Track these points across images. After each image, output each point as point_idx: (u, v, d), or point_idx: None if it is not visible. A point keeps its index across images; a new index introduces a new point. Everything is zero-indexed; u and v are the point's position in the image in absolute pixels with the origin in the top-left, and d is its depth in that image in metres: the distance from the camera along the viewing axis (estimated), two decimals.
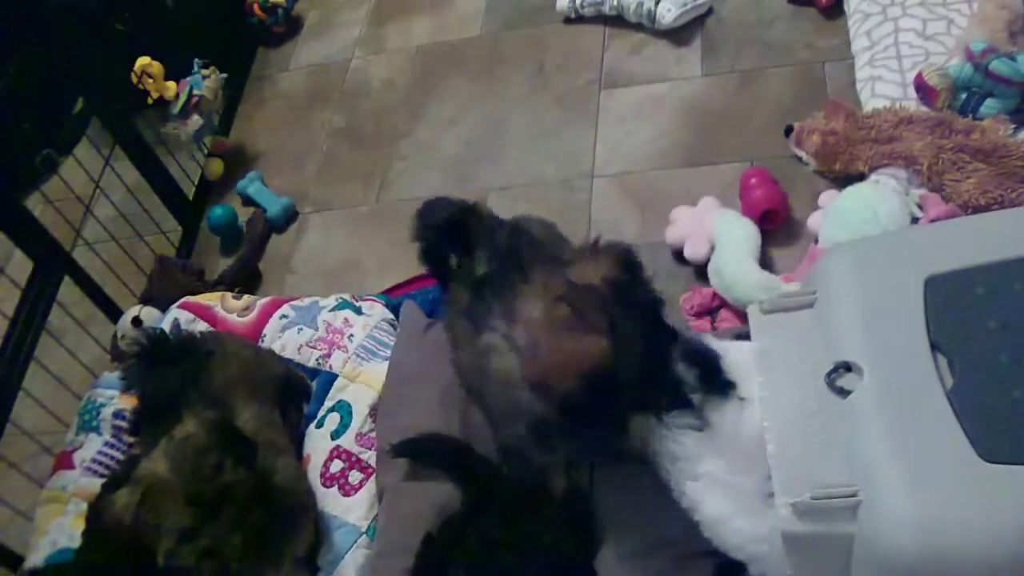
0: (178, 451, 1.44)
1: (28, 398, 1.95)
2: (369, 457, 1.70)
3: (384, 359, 1.83)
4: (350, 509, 1.66)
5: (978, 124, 1.79)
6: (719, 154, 2.10)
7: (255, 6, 2.83)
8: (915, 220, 1.70)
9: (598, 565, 1.44)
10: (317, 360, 1.88)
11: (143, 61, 2.43)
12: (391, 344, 1.86)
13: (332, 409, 1.79)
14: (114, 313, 2.20)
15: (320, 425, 1.78)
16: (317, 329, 1.92)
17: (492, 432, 1.54)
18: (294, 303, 2.01)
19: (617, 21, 2.45)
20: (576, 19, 2.51)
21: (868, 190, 1.76)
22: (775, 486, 1.13)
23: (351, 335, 1.89)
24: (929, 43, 1.95)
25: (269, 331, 1.97)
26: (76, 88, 2.42)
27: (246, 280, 2.30)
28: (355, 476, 1.69)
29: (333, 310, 1.95)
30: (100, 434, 1.92)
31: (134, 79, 2.42)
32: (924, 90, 1.85)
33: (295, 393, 1.82)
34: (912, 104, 1.89)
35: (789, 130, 1.97)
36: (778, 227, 1.90)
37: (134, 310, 2.15)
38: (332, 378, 1.85)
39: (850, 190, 1.78)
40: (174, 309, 2.07)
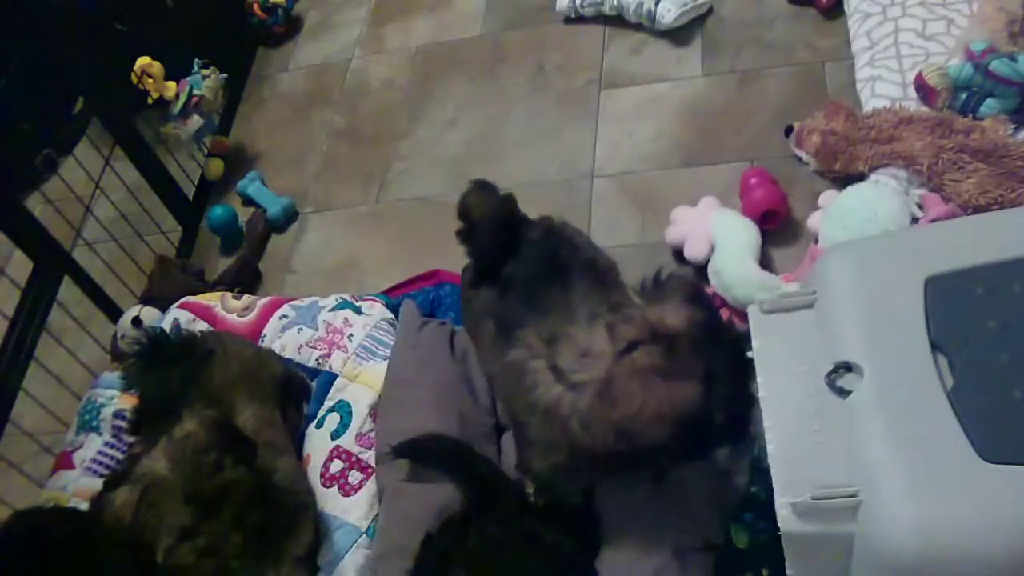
0: (177, 450, 1.43)
1: (28, 398, 1.95)
2: (369, 457, 1.70)
3: (384, 359, 1.83)
4: (350, 509, 1.66)
5: (978, 124, 1.79)
6: (719, 154, 2.10)
7: (255, 6, 2.83)
8: (915, 220, 1.71)
9: (599, 565, 1.44)
10: (317, 360, 1.88)
11: (143, 61, 2.43)
12: (391, 344, 1.86)
13: (332, 409, 1.79)
14: (114, 313, 2.20)
15: (320, 425, 1.78)
16: (317, 329, 1.92)
17: (520, 455, 1.48)
18: (294, 303, 2.01)
19: (617, 21, 2.45)
20: (576, 19, 2.51)
21: (868, 190, 1.76)
22: (775, 486, 1.13)
23: (351, 335, 1.89)
24: (929, 43, 1.95)
25: (269, 331, 1.97)
26: (76, 88, 2.41)
27: (246, 280, 2.30)
28: (355, 476, 1.69)
29: (333, 310, 1.95)
30: (100, 434, 1.92)
31: (134, 79, 2.42)
32: (924, 90, 1.85)
33: (295, 393, 1.82)
34: (912, 104, 1.89)
35: (789, 130, 1.98)
36: (778, 227, 1.90)
37: (134, 310, 2.15)
38: (332, 378, 1.84)
39: (850, 190, 1.78)
40: (174, 309, 2.07)
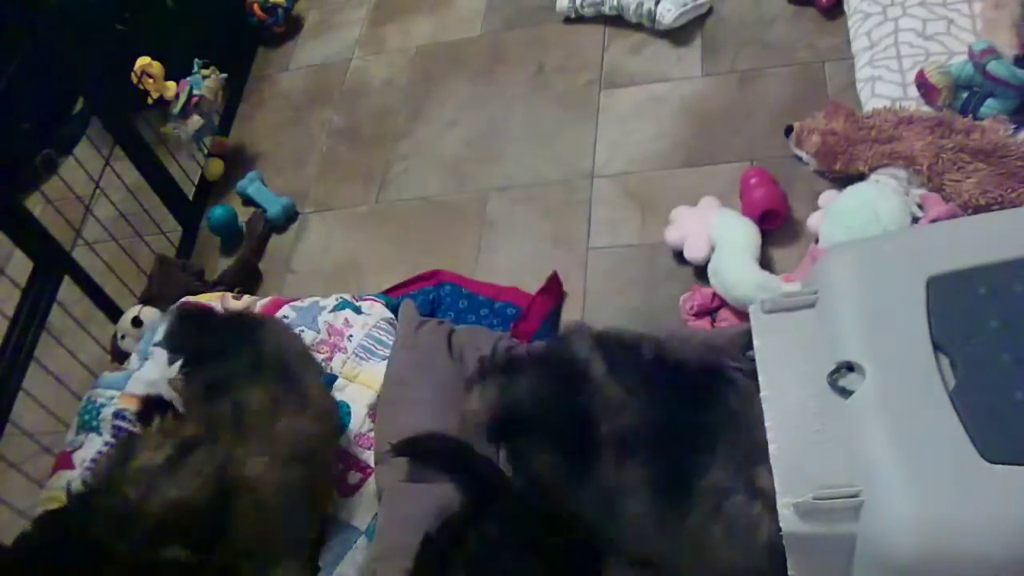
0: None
1: (28, 398, 1.94)
2: (367, 457, 1.70)
3: (383, 359, 1.83)
4: (349, 509, 1.66)
5: (978, 124, 1.78)
6: (719, 154, 2.10)
7: (255, 6, 2.83)
8: (915, 220, 1.71)
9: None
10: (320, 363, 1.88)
11: (143, 61, 2.43)
12: (390, 343, 1.86)
13: None
14: (114, 313, 2.20)
15: None
16: (319, 331, 1.92)
17: None
18: (294, 304, 2.01)
19: (617, 21, 2.44)
20: (576, 19, 2.51)
21: (869, 190, 1.76)
22: (777, 486, 1.13)
23: (350, 335, 1.89)
24: (929, 43, 1.95)
25: None
26: (76, 88, 2.41)
27: (246, 280, 2.30)
28: (354, 476, 1.69)
29: (333, 311, 1.95)
30: (100, 434, 1.91)
31: (134, 79, 2.42)
32: (925, 87, 1.85)
33: None
34: (912, 104, 1.89)
35: (789, 130, 1.97)
36: (778, 227, 1.90)
37: (134, 310, 2.15)
38: (332, 380, 1.84)
39: (850, 190, 1.78)
40: (174, 309, 2.07)
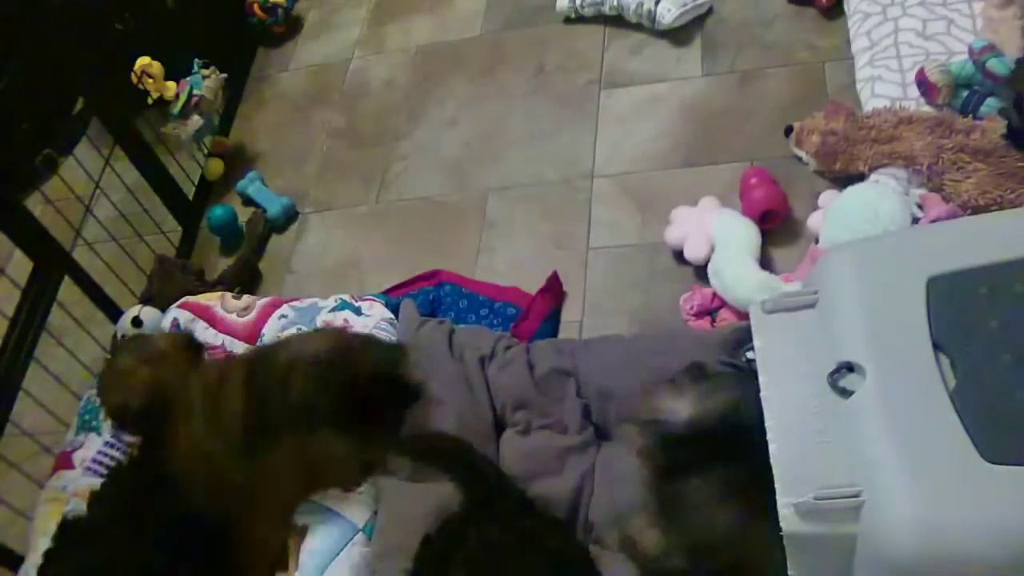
0: None
1: (28, 398, 1.94)
2: None
3: None
4: (347, 504, 1.65)
5: (978, 124, 1.78)
6: (719, 154, 2.10)
7: (255, 6, 2.83)
8: (915, 220, 1.71)
9: (599, 565, 1.45)
10: None
11: (143, 61, 2.42)
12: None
13: None
14: (114, 313, 2.20)
15: None
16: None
17: None
18: (294, 303, 2.01)
19: (617, 21, 2.44)
20: (576, 19, 2.51)
21: (869, 190, 1.76)
22: (777, 486, 1.13)
23: None
24: (929, 43, 1.95)
25: (268, 331, 1.96)
26: (76, 88, 2.41)
27: (246, 280, 2.30)
28: None
29: (333, 311, 1.95)
30: (100, 434, 1.92)
31: (134, 79, 2.42)
32: (925, 86, 1.85)
33: None
34: (912, 104, 1.88)
35: (789, 130, 1.97)
36: (778, 227, 1.90)
37: (134, 310, 2.14)
38: None
39: (850, 190, 1.78)
40: (174, 309, 2.07)
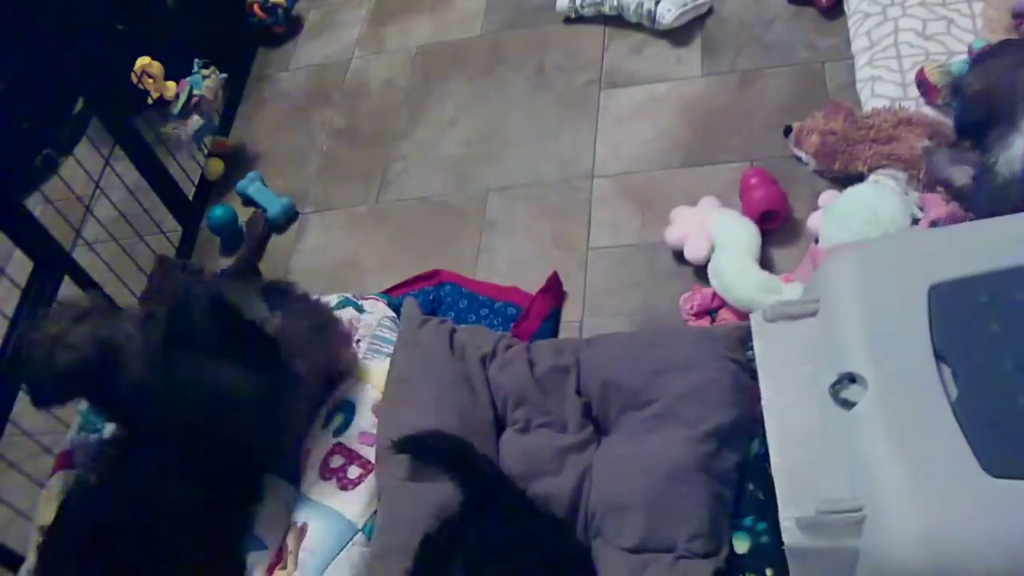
0: None
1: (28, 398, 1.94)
2: (370, 454, 1.70)
3: (388, 356, 1.83)
4: (347, 503, 1.65)
5: None
6: (719, 154, 2.10)
7: (255, 6, 2.83)
8: (915, 221, 1.70)
9: (599, 565, 1.45)
10: None
11: (143, 61, 2.42)
12: (394, 341, 1.86)
13: (339, 409, 1.77)
14: None
15: (326, 425, 1.77)
16: None
17: None
18: None
19: (617, 21, 2.44)
20: (576, 19, 2.51)
21: (869, 191, 1.76)
22: (779, 500, 1.12)
23: (358, 340, 1.88)
24: (929, 43, 1.95)
25: None
26: (76, 88, 2.41)
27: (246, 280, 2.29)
28: (354, 471, 1.68)
29: (335, 308, 1.94)
30: (100, 434, 1.91)
31: (134, 79, 2.42)
32: (925, 86, 1.85)
33: None
34: (912, 104, 1.88)
35: (788, 130, 1.97)
36: (778, 227, 1.90)
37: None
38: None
39: (850, 191, 1.78)
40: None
